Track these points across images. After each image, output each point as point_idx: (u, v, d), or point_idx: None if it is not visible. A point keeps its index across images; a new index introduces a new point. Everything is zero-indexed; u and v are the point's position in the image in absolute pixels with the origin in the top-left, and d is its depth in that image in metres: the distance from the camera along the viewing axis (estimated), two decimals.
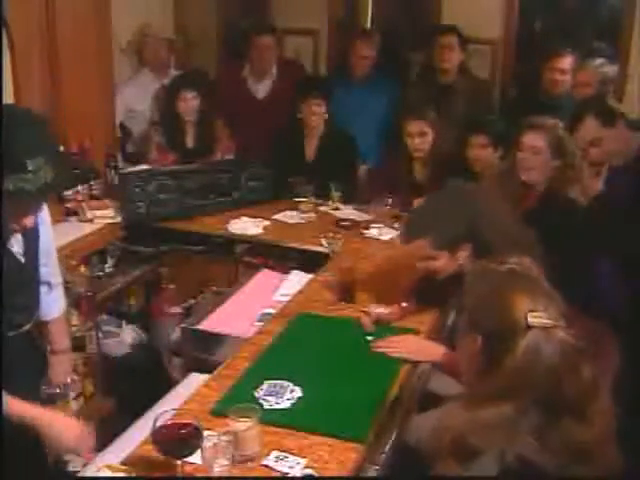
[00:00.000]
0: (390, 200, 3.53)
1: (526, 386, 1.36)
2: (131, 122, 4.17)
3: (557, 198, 2.80)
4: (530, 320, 1.39)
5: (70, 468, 2.70)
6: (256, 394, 1.99)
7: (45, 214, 2.11)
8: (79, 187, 3.45)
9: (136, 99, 4.18)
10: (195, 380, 2.19)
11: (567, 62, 3.98)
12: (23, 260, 2.05)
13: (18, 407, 1.84)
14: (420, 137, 3.57)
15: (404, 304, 2.46)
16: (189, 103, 3.80)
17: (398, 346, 2.26)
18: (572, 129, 2.81)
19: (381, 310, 2.43)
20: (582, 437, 1.35)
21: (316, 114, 3.82)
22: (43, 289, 2.23)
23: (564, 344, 1.40)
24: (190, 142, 3.91)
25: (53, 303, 2.30)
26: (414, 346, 2.28)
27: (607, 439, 1.40)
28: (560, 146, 2.83)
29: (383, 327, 2.41)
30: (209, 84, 4.21)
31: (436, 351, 2.24)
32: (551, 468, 1.33)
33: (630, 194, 2.69)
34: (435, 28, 4.47)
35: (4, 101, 3.05)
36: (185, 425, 1.64)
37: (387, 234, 3.31)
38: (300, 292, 2.74)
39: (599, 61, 3.62)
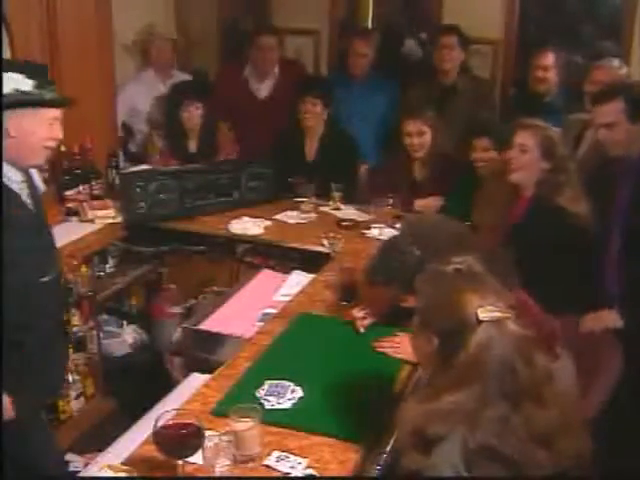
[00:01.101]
0: (391, 200, 3.53)
1: (480, 376, 1.40)
2: (134, 121, 4.17)
3: (546, 208, 2.73)
4: (480, 315, 1.43)
5: (71, 468, 2.71)
6: (257, 394, 1.99)
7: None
8: (80, 187, 3.45)
9: (139, 99, 4.18)
10: (196, 380, 2.20)
11: (548, 58, 3.96)
12: (34, 210, 2.15)
13: None
14: (418, 137, 3.57)
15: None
16: (193, 113, 3.81)
17: (399, 347, 2.26)
18: (596, 102, 2.74)
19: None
20: (543, 421, 1.40)
21: (311, 113, 3.82)
22: None
23: (515, 334, 1.45)
24: (193, 147, 3.91)
25: None
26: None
27: (569, 422, 1.43)
28: (550, 147, 2.77)
29: (385, 327, 2.41)
30: (211, 90, 4.21)
31: None
32: (516, 454, 1.36)
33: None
34: (436, 28, 4.46)
35: None
36: (186, 425, 1.64)
37: (388, 234, 3.31)
38: (301, 292, 2.75)
39: (617, 62, 3.60)
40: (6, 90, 1.99)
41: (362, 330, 2.39)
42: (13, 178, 2.08)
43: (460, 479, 1.36)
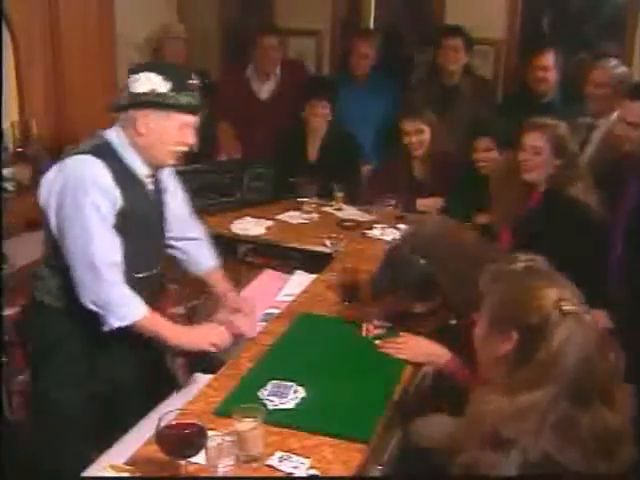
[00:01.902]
0: (393, 200, 3.53)
1: (562, 373, 1.39)
2: None
3: (559, 198, 2.80)
4: (564, 308, 1.42)
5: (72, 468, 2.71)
6: (260, 394, 1.99)
7: (170, 174, 2.35)
8: None
9: None
10: (199, 380, 2.19)
11: (548, 59, 3.96)
12: (156, 206, 2.25)
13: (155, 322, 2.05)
14: (417, 135, 3.58)
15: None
16: None
17: (402, 348, 2.26)
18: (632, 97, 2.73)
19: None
20: (612, 423, 1.38)
21: (320, 115, 3.83)
22: (188, 243, 2.45)
23: (593, 329, 1.45)
24: (194, 147, 3.90)
25: (203, 257, 2.49)
26: (417, 348, 2.28)
27: (629, 428, 1.42)
28: (561, 145, 2.83)
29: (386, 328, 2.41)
30: (213, 90, 4.21)
31: (439, 353, 2.24)
32: (572, 464, 1.34)
33: None
34: (441, 29, 4.46)
35: (5, 101, 3.07)
36: (189, 425, 1.64)
37: (390, 234, 3.31)
38: (303, 292, 2.74)
39: (614, 61, 3.59)
40: (143, 89, 2.01)
41: (364, 334, 2.39)
42: (139, 171, 2.12)
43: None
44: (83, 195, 1.98)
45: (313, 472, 1.70)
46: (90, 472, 1.82)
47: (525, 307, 1.47)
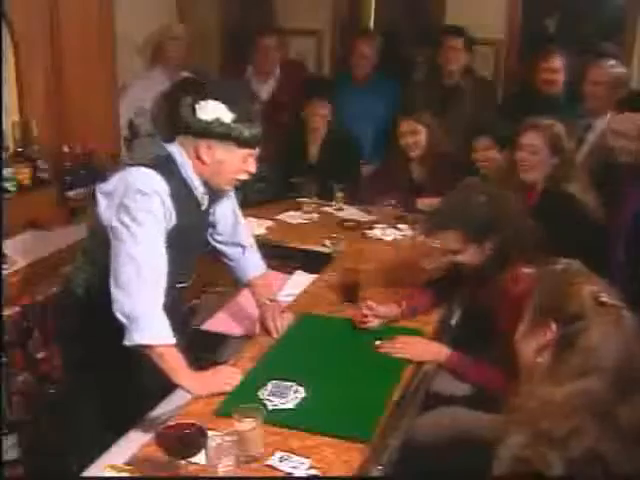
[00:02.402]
0: (393, 200, 3.53)
1: (604, 361, 1.40)
2: (140, 120, 4.16)
3: (557, 196, 2.81)
4: (601, 299, 1.47)
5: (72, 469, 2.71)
6: (260, 394, 1.99)
7: None
8: (83, 188, 3.44)
9: (146, 97, 4.17)
10: None
11: (556, 61, 3.97)
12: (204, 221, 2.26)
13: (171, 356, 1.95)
14: (413, 136, 3.58)
15: (403, 304, 2.46)
16: None
17: (403, 347, 2.26)
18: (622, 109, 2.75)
19: (382, 309, 2.43)
20: None
21: (320, 116, 3.83)
22: (236, 249, 2.47)
23: (631, 322, 1.47)
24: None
25: (249, 263, 2.50)
26: (418, 347, 2.28)
27: None
28: (558, 144, 2.85)
29: (387, 327, 2.41)
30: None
31: (440, 351, 2.25)
32: (613, 455, 1.34)
33: None
34: (441, 29, 4.46)
35: (5, 101, 3.07)
36: (189, 425, 1.64)
37: (390, 234, 3.32)
38: (304, 292, 2.74)
39: (611, 61, 3.60)
40: (209, 117, 1.99)
41: (363, 325, 2.40)
42: (199, 190, 2.12)
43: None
44: (144, 204, 1.96)
45: (313, 472, 1.70)
46: (90, 472, 1.82)
47: (563, 298, 1.52)
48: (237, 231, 2.45)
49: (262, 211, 3.58)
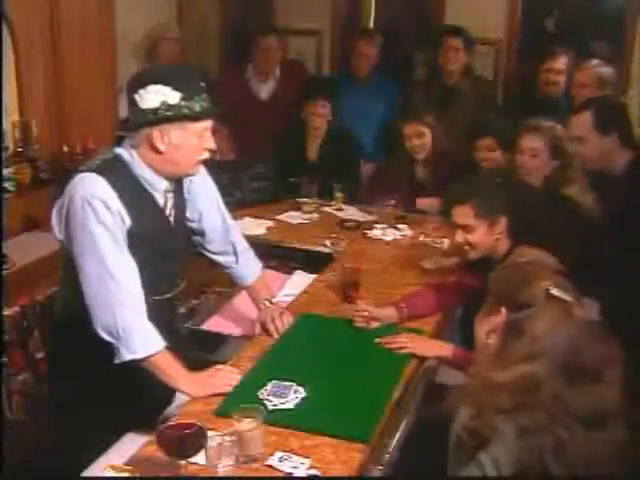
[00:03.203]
0: (393, 201, 3.53)
1: (551, 350, 1.46)
2: None
3: (556, 199, 2.80)
4: (552, 291, 1.54)
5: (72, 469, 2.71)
6: (260, 394, 1.99)
7: (203, 179, 2.27)
8: None
9: None
10: None
11: (562, 62, 3.97)
12: (173, 224, 2.13)
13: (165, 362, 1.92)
14: (418, 138, 3.58)
15: (403, 305, 2.46)
16: None
17: (406, 342, 2.27)
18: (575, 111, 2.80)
19: (379, 312, 2.43)
20: (602, 397, 1.44)
21: (320, 115, 3.82)
22: (229, 258, 2.39)
23: (581, 318, 1.54)
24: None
25: (244, 271, 2.44)
26: (422, 342, 2.30)
27: (621, 404, 1.47)
28: (558, 146, 2.85)
29: (387, 327, 2.41)
30: (212, 90, 4.20)
31: (443, 346, 2.26)
32: (567, 433, 1.39)
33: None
34: (441, 29, 4.46)
35: (5, 101, 3.07)
36: (189, 425, 1.64)
37: (390, 234, 3.32)
38: (304, 292, 2.74)
39: (595, 61, 3.61)
40: (154, 104, 1.90)
41: (358, 324, 2.40)
42: (156, 186, 2.03)
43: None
44: (90, 215, 1.88)
45: (313, 472, 1.70)
46: (90, 472, 1.82)
47: (516, 286, 1.61)
48: (228, 239, 2.38)
49: (262, 211, 3.58)
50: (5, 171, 3.03)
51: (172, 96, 1.91)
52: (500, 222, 2.33)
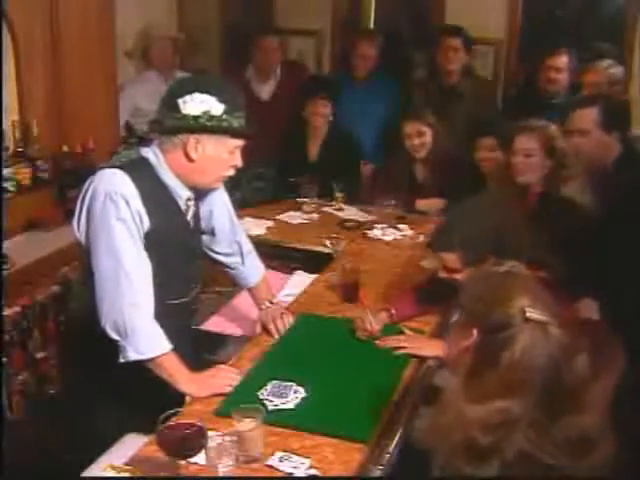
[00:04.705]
0: (393, 201, 3.53)
1: (526, 381, 1.36)
2: (137, 120, 4.16)
3: (555, 198, 2.80)
4: (528, 314, 1.39)
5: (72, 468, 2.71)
6: (260, 394, 1.99)
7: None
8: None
9: (141, 98, 4.16)
10: None
11: (562, 60, 3.97)
12: (193, 228, 2.15)
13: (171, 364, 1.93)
14: (418, 138, 3.58)
15: (393, 311, 2.45)
16: None
17: (405, 343, 2.27)
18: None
19: (377, 319, 2.40)
20: (580, 425, 1.35)
21: (321, 115, 3.82)
22: (235, 259, 2.40)
23: (559, 339, 1.40)
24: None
25: (249, 271, 2.45)
26: (421, 342, 2.29)
27: (604, 428, 1.39)
28: (552, 145, 2.83)
29: (386, 327, 2.41)
30: None
31: (441, 345, 2.25)
32: (553, 461, 1.33)
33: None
34: (440, 29, 4.46)
35: (5, 101, 3.06)
36: (189, 425, 1.64)
37: (390, 235, 3.32)
38: (304, 292, 2.74)
39: (607, 62, 3.60)
40: (196, 112, 1.89)
41: (361, 336, 2.37)
42: (180, 193, 2.03)
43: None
44: (111, 209, 1.87)
45: (313, 472, 1.70)
46: (90, 472, 1.82)
47: (489, 306, 1.45)
48: (235, 238, 2.38)
49: (262, 211, 3.58)
50: (5, 171, 3.02)
51: (216, 108, 1.91)
52: (489, 261, 2.24)
